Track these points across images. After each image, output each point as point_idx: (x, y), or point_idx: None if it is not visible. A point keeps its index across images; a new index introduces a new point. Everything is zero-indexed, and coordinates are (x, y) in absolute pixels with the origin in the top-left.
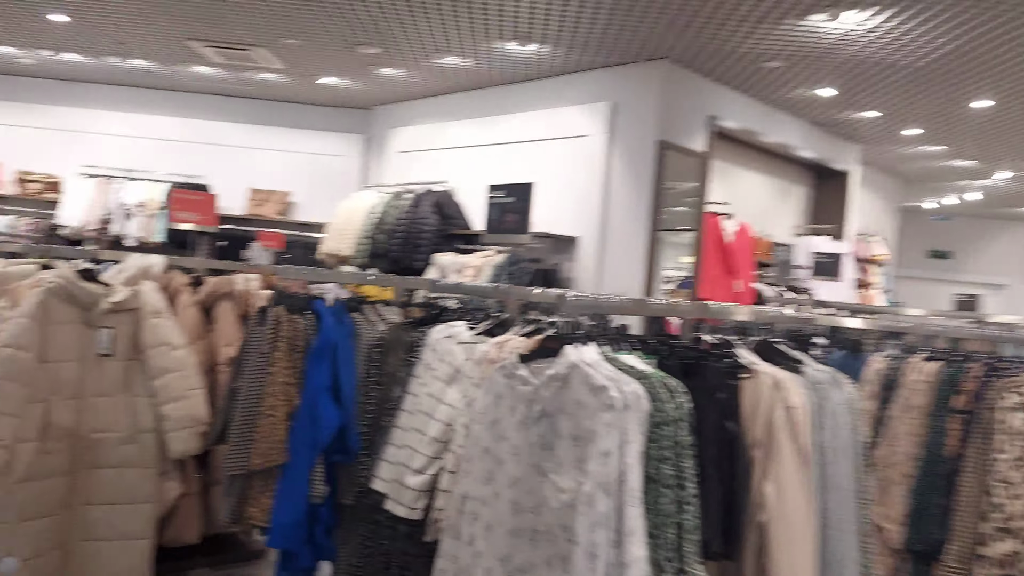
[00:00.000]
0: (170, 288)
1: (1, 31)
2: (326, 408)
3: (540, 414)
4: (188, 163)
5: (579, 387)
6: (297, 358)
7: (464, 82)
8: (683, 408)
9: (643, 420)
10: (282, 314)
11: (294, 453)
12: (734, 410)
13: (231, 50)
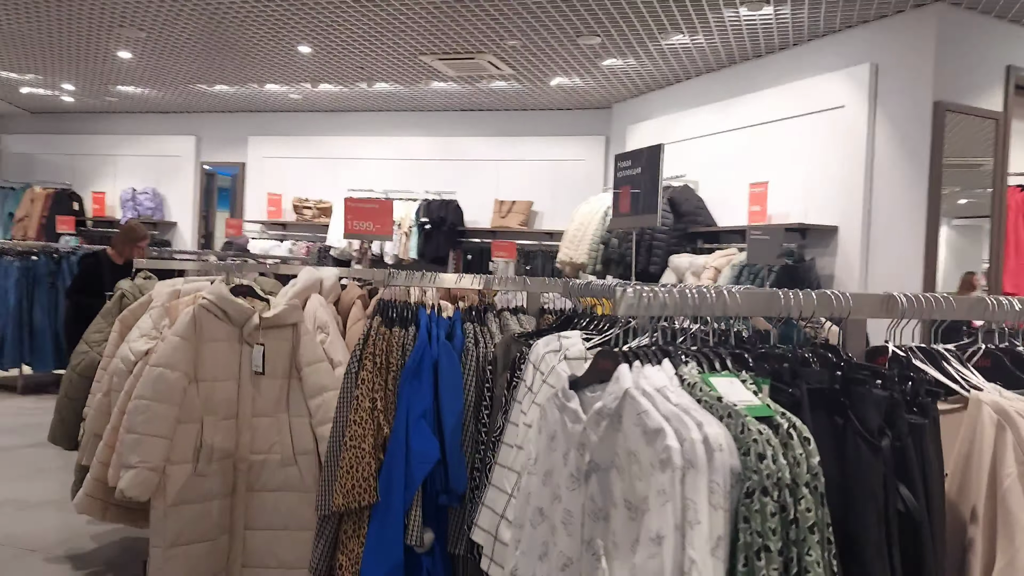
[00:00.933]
0: (343, 302)
1: (264, 69)
2: (421, 439)
3: (590, 467)
4: (440, 180)
5: (631, 429)
6: (391, 379)
7: (699, 65)
8: (802, 465)
9: (722, 484)
10: (377, 327)
11: (385, 492)
12: (916, 465)
13: (459, 60)
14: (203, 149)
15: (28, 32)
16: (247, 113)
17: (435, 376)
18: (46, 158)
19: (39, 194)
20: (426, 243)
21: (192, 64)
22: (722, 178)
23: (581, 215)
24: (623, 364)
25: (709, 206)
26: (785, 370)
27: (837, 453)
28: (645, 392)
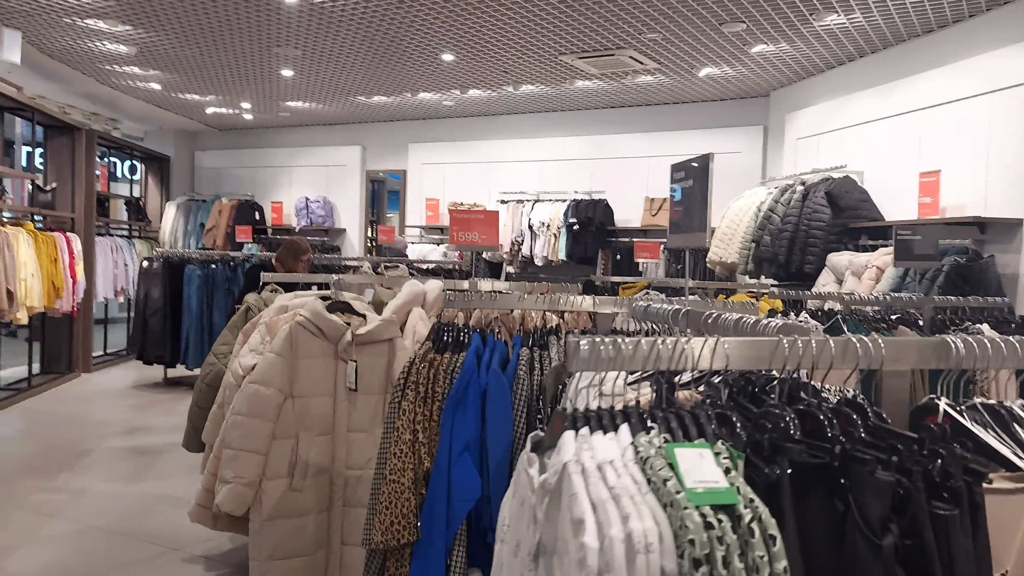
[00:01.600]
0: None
1: (414, 78)
2: (463, 473)
3: (539, 548)
4: (590, 179)
5: (565, 512)
6: (436, 409)
7: (861, 45)
8: (762, 571)
9: None
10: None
11: (427, 530)
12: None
13: (600, 57)
14: (368, 157)
15: (205, 59)
16: (407, 121)
17: (483, 406)
18: (232, 171)
19: (225, 205)
20: (574, 244)
21: (347, 77)
22: (889, 168)
23: (733, 212)
24: (569, 430)
25: (875, 199)
26: (765, 441)
27: (836, 549)
28: (584, 469)
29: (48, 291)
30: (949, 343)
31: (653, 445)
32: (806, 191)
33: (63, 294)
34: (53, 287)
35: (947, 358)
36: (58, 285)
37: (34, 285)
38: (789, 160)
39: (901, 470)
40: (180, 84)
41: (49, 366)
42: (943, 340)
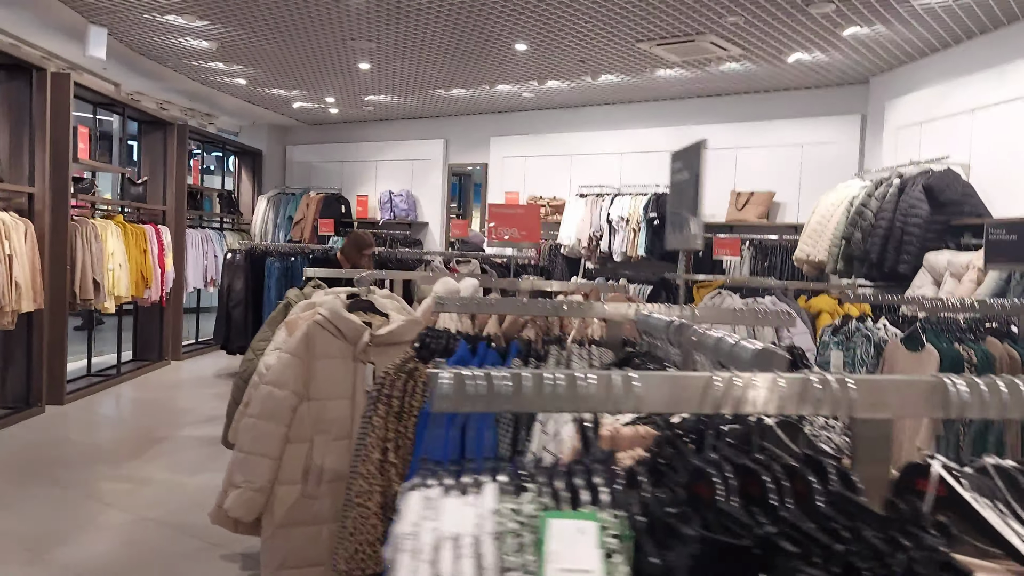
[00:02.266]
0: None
1: (490, 70)
2: None
3: None
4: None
5: None
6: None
7: (967, 25)
8: None
9: None
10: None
11: None
12: None
13: (679, 44)
14: (451, 151)
15: (284, 53)
16: (488, 115)
17: (462, 425)
18: (321, 165)
19: (313, 199)
20: (654, 239)
21: (423, 69)
22: (999, 159)
23: (824, 206)
24: (413, 492)
25: (983, 192)
26: (665, 517)
27: None
28: (415, 548)
29: (137, 281)
30: (946, 385)
31: (521, 514)
32: (903, 184)
33: (152, 284)
34: (142, 277)
35: (945, 405)
36: (147, 275)
37: (122, 276)
38: (889, 151)
39: (844, 567)
40: (264, 79)
41: (141, 354)
42: (938, 382)
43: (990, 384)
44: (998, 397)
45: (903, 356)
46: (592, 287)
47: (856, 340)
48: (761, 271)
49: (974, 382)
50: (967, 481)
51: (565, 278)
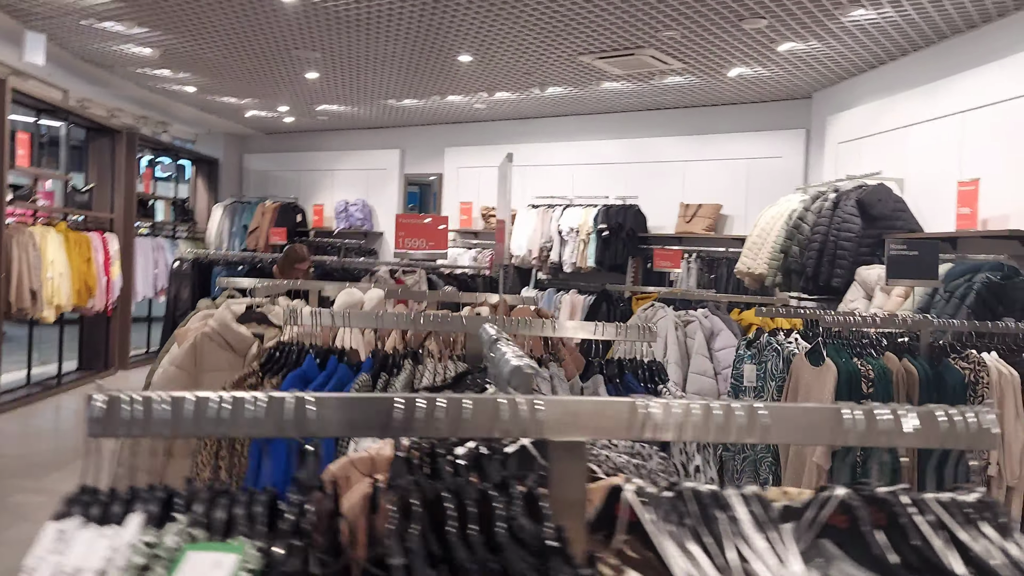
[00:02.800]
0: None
1: (437, 80)
2: None
3: None
4: (626, 184)
5: None
6: (244, 446)
7: (900, 43)
8: None
9: None
10: (248, 373)
11: None
12: None
13: (619, 57)
14: (407, 161)
15: (229, 61)
16: (443, 125)
17: (261, 450)
18: (278, 174)
19: (268, 207)
20: (604, 250)
21: (371, 79)
22: (929, 175)
23: (765, 219)
24: (51, 523)
25: (917, 208)
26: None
27: None
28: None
29: (80, 290)
30: (841, 415)
31: (159, 547)
32: (837, 199)
33: (96, 293)
34: (86, 286)
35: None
36: (91, 284)
37: (62, 284)
38: (830, 166)
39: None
40: (214, 87)
41: (87, 363)
42: (836, 412)
43: (748, 409)
44: (753, 420)
45: (807, 370)
46: (502, 300)
47: (767, 354)
48: (707, 283)
49: (665, 405)
50: (656, 506)
51: (516, 289)
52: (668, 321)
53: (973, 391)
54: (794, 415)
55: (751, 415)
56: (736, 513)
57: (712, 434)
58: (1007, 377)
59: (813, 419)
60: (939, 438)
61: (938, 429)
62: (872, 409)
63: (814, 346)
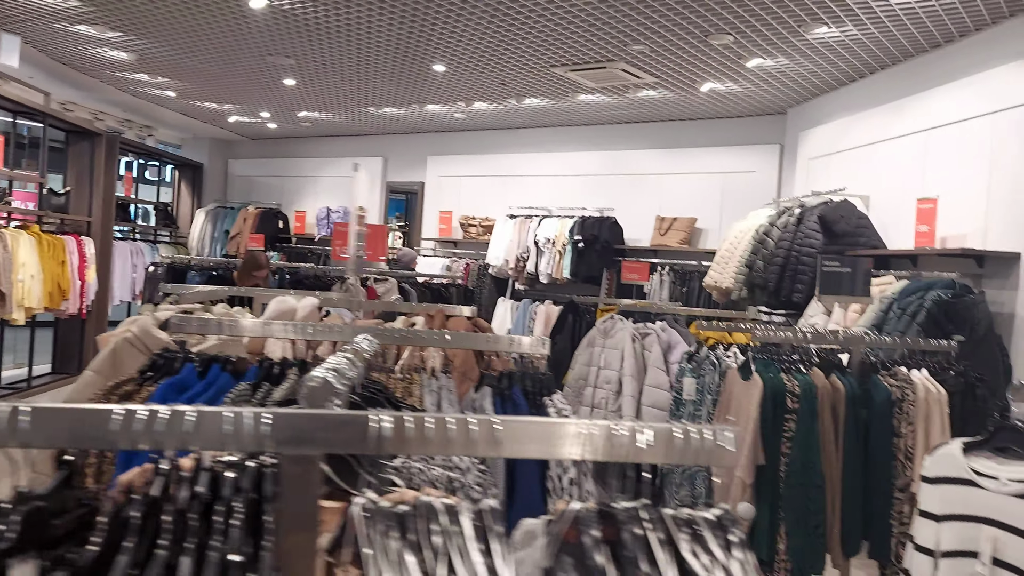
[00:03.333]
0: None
1: (414, 89)
2: None
3: None
4: (604, 196)
5: None
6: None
7: (867, 61)
8: None
9: None
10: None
11: None
12: None
13: (591, 70)
14: (389, 169)
15: (206, 66)
16: (425, 134)
17: None
18: (263, 180)
19: (251, 213)
20: (579, 261)
21: (350, 87)
22: (893, 192)
23: (734, 233)
24: None
25: (880, 225)
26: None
27: None
28: None
29: (52, 292)
30: (370, 424)
31: None
32: (801, 215)
33: (70, 296)
34: (59, 289)
35: (363, 439)
36: (64, 287)
37: (34, 287)
38: (801, 181)
39: None
40: (194, 92)
41: (61, 366)
42: (362, 418)
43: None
44: (488, 434)
45: (738, 385)
46: (438, 310)
47: (706, 368)
48: (679, 296)
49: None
50: (381, 520)
51: (492, 299)
52: (625, 333)
53: (899, 408)
54: (529, 430)
55: (486, 429)
56: (463, 529)
57: (437, 447)
58: (934, 395)
59: (550, 433)
60: (676, 454)
61: (674, 445)
62: (609, 425)
63: (745, 361)
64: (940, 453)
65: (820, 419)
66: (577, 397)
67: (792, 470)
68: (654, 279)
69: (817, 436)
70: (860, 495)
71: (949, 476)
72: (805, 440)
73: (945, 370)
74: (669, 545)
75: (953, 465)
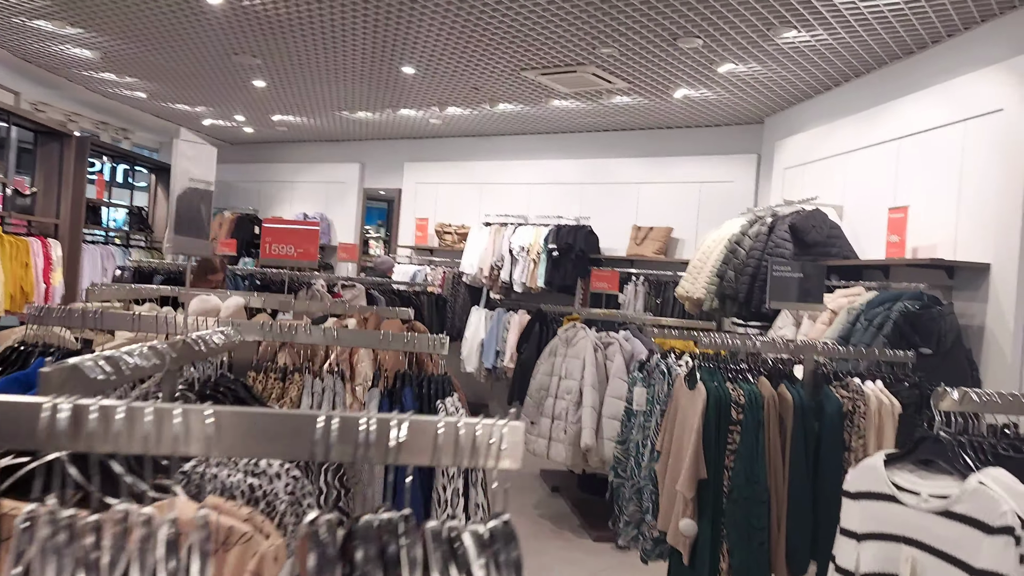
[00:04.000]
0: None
1: (386, 93)
2: None
3: None
4: (580, 204)
5: None
6: None
7: (841, 68)
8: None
9: None
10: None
11: None
12: None
13: (561, 74)
14: (367, 175)
15: (172, 65)
16: (402, 140)
17: None
18: (241, 185)
19: (227, 218)
20: (553, 270)
21: (320, 89)
22: (865, 202)
23: (707, 243)
24: None
25: (852, 235)
26: None
27: None
28: None
29: (15, 295)
30: (56, 416)
31: None
32: (772, 224)
33: (33, 299)
34: (22, 292)
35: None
36: (28, 290)
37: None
38: (777, 191)
39: None
40: (164, 93)
41: None
42: (36, 407)
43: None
44: (195, 428)
45: (684, 394)
46: (372, 313)
47: (656, 376)
48: (654, 307)
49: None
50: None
51: (466, 308)
52: (587, 342)
53: (851, 420)
54: (245, 421)
55: (193, 422)
56: (157, 544)
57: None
58: (887, 407)
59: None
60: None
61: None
62: (349, 417)
63: (691, 369)
64: (862, 466)
65: (766, 431)
66: (538, 408)
67: (736, 484)
68: (628, 289)
69: (763, 448)
70: (808, 511)
71: (870, 491)
72: (750, 452)
73: (900, 382)
74: (420, 566)
75: (874, 479)
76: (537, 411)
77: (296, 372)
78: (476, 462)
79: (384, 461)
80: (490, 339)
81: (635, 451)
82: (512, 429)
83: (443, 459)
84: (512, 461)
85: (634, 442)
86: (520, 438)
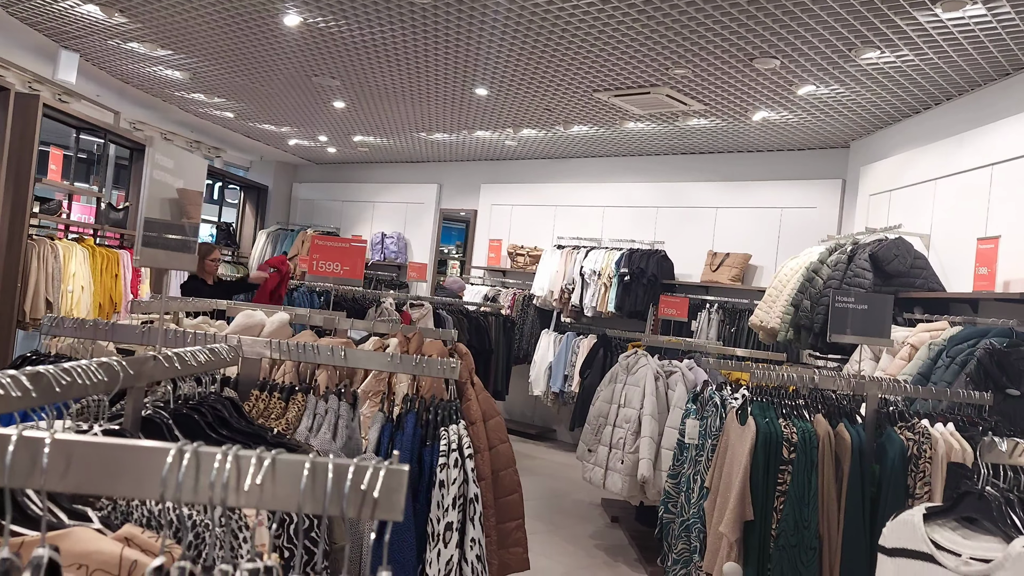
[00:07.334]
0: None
1: (461, 115)
2: None
3: None
4: (655, 228)
5: None
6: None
7: (930, 91)
8: None
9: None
10: None
11: None
12: None
13: (635, 95)
14: (444, 196)
15: (256, 86)
16: (480, 162)
17: None
18: (324, 204)
19: (308, 236)
20: (624, 295)
21: (398, 110)
22: (954, 231)
23: (784, 271)
24: None
25: (939, 266)
26: None
27: None
28: None
29: (103, 303)
30: None
31: None
32: (852, 252)
33: (120, 309)
34: (110, 301)
35: None
36: (116, 300)
37: (83, 298)
38: (861, 218)
39: None
40: (250, 113)
41: None
42: None
43: None
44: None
45: (735, 429)
46: (415, 333)
47: (709, 409)
48: (727, 336)
49: None
50: None
51: (535, 331)
52: (648, 370)
53: (915, 465)
54: (93, 452)
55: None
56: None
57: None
58: (957, 451)
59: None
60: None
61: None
62: (206, 452)
63: (742, 403)
64: (900, 520)
65: (820, 472)
66: (596, 436)
67: (784, 528)
68: (702, 316)
69: (815, 491)
70: (864, 561)
71: (906, 548)
72: (800, 495)
73: (974, 425)
74: None
75: (911, 535)
76: (595, 439)
77: (300, 392)
78: (345, 510)
79: (241, 504)
80: (558, 363)
81: (686, 486)
82: (391, 474)
83: (305, 506)
84: (388, 512)
85: (685, 476)
86: (402, 485)
